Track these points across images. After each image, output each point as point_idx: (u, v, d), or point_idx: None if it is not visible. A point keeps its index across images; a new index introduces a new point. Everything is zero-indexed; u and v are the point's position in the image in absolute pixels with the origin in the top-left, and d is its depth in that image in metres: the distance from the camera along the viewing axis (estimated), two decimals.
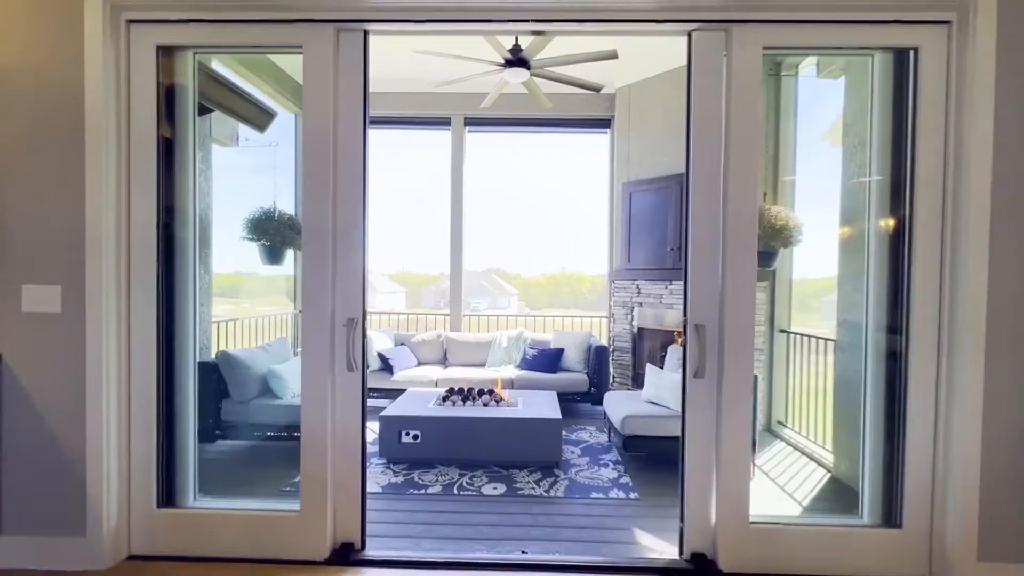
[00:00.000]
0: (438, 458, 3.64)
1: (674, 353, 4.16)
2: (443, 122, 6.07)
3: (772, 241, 3.77)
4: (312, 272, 2.25)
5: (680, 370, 3.99)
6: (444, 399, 4.01)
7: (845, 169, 3.62)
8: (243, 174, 4.92)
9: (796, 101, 4.61)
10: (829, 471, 3.58)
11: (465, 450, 3.61)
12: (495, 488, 3.24)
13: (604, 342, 5.59)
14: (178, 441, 2.41)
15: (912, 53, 2.17)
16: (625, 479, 3.40)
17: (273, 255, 4.57)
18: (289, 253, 4.73)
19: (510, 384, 4.95)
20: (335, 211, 2.25)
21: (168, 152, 2.36)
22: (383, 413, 3.71)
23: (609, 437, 4.30)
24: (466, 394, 4.07)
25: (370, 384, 5.03)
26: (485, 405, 3.94)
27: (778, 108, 4.66)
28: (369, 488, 3.18)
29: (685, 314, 2.30)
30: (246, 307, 5.27)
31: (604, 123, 6.04)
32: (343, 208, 2.26)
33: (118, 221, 2.22)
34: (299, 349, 2.24)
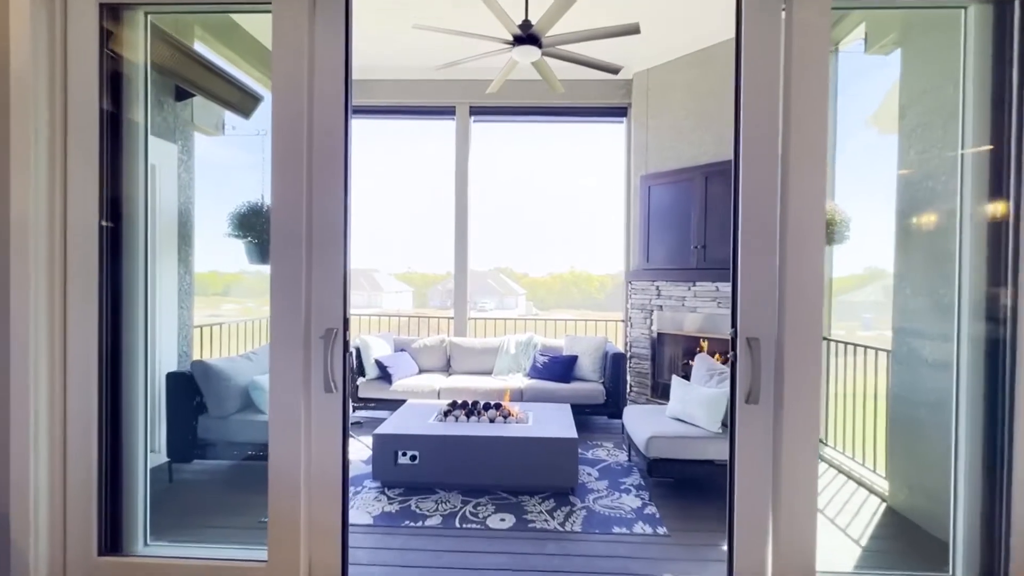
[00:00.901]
0: (439, 482, 3.25)
1: (703, 364, 3.73)
2: (447, 111, 5.68)
3: None
4: (281, 275, 1.86)
5: (710, 383, 3.58)
6: (446, 414, 3.62)
7: (902, 155, 3.18)
8: (230, 165, 4.53)
9: (835, 81, 4.16)
10: (884, 500, 3.14)
11: (469, 473, 3.22)
12: (503, 520, 2.84)
13: (620, 348, 5.18)
14: (126, 474, 2.03)
15: (1018, 2, 1.75)
16: (651, 509, 2.99)
17: (262, 253, 4.21)
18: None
19: (519, 395, 4.55)
20: (310, 204, 1.87)
21: (115, 132, 1.99)
22: (377, 431, 3.33)
23: (629, 456, 3.89)
24: (470, 408, 3.67)
25: (367, 394, 4.66)
26: (492, 421, 3.54)
27: None
28: (358, 520, 2.81)
29: (733, 324, 1.88)
30: (234, 309, 4.92)
31: (620, 111, 5.62)
32: (321, 200, 1.87)
33: (51, 214, 1.85)
34: None
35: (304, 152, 1.85)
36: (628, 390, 5.20)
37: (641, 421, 3.49)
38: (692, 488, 3.26)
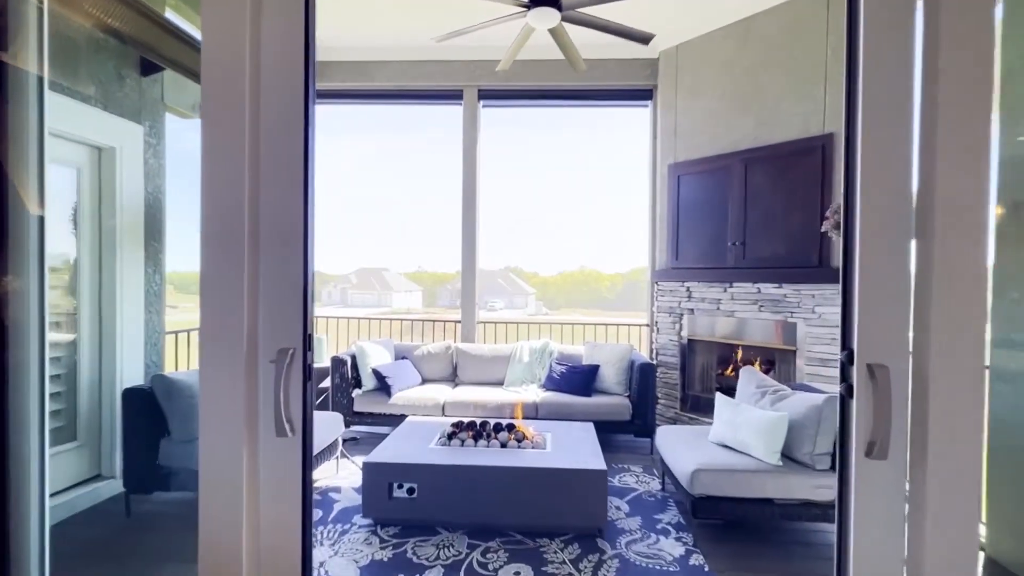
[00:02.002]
0: (441, 520, 2.75)
1: (750, 378, 3.19)
2: (454, 95, 5.17)
3: None
4: (213, 280, 1.36)
5: (761, 402, 3.01)
6: (450, 437, 3.11)
7: (1006, 131, 2.61)
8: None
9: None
10: (981, 549, 2.58)
11: (477, 510, 2.71)
12: (518, 573, 2.33)
13: (646, 356, 4.63)
14: (15, 538, 1.55)
15: None
16: (697, 558, 2.46)
17: None
18: None
19: (533, 410, 4.03)
20: (255, 196, 1.36)
21: None
22: (368, 458, 2.83)
23: (663, 484, 3.36)
24: (478, 430, 3.16)
25: (363, 408, 4.16)
26: (503, 446, 3.03)
27: None
28: (342, 572, 2.31)
29: (845, 346, 1.35)
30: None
31: (644, 94, 5.07)
32: (272, 192, 1.36)
33: None
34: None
35: (244, 127, 1.34)
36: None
37: (680, 447, 2.96)
38: (745, 532, 2.72)
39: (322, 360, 4.71)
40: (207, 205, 1.36)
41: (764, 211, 4.05)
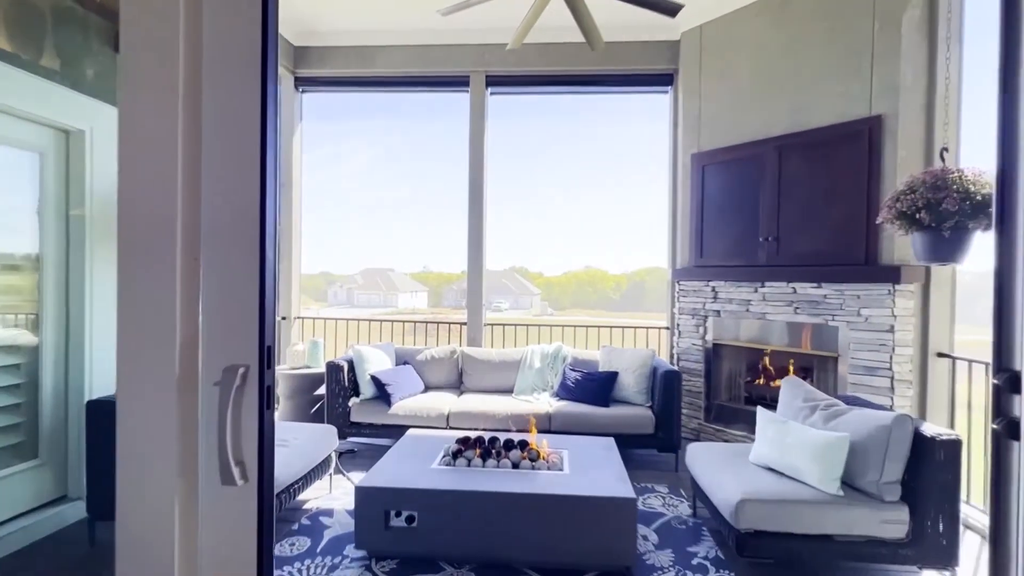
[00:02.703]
0: (444, 553, 2.39)
1: (794, 390, 2.81)
2: (460, 81, 4.82)
3: (969, 220, 2.41)
4: (132, 286, 1.01)
5: (811, 418, 2.59)
6: (455, 455, 2.75)
7: None
8: None
9: (960, 19, 3.21)
10: None
11: (486, 542, 2.36)
12: None
13: (666, 361, 4.26)
14: None
15: None
16: None
17: None
18: None
19: (547, 421, 3.67)
20: (192, 182, 1.00)
21: None
22: (361, 482, 2.47)
23: (694, 508, 2.99)
24: (487, 447, 2.81)
25: (361, 418, 3.82)
26: (515, 466, 2.67)
27: (932, 33, 3.27)
28: None
29: (1003, 366, 0.98)
30: None
31: (664, 79, 4.70)
32: (218, 180, 1.00)
33: None
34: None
35: (180, 114, 0.99)
36: None
37: (716, 469, 2.59)
38: (799, 572, 2.35)
39: (318, 365, 4.38)
40: (124, 202, 1.00)
41: (801, 203, 3.67)
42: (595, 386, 3.88)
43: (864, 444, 2.28)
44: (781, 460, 2.46)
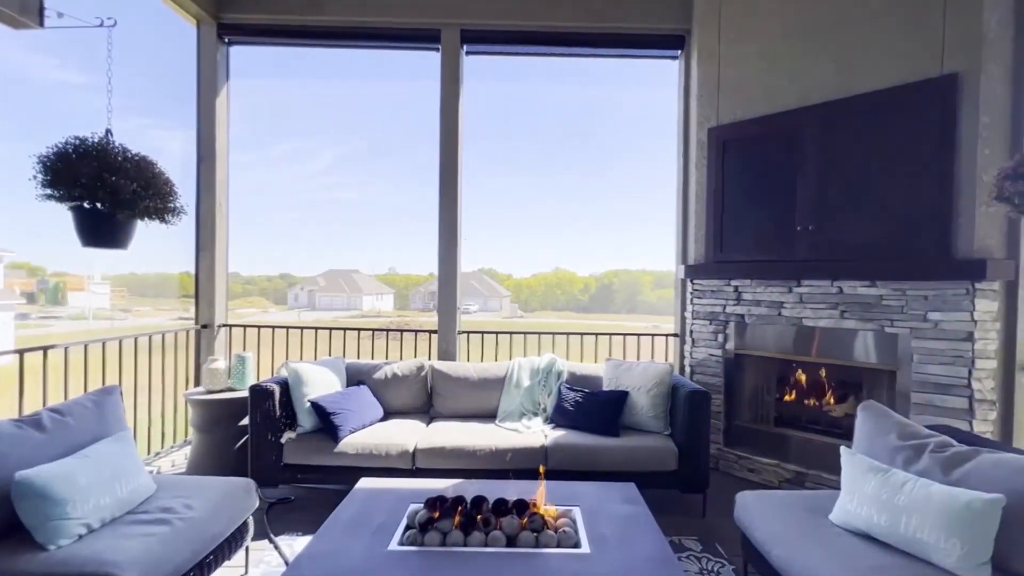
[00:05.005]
0: None
1: (882, 423, 2.10)
2: (429, 36, 3.98)
3: None
4: None
5: (916, 464, 1.46)
6: (423, 527, 1.90)
7: None
8: (50, 80, 2.62)
9: None
10: None
11: None
12: None
13: (684, 377, 3.51)
14: None
15: None
16: None
17: (99, 228, 2.45)
18: (143, 228, 2.61)
19: (542, 458, 2.87)
20: None
21: None
22: None
23: (745, 572, 2.24)
24: (469, 511, 1.97)
25: (298, 459, 2.91)
26: (511, 541, 1.85)
27: None
28: None
29: None
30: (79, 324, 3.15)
31: (673, 42, 3.99)
32: None
33: None
34: None
35: None
36: None
37: (796, 537, 1.85)
38: None
39: (246, 387, 3.43)
40: None
41: (851, 184, 3.01)
42: (600, 409, 3.10)
43: (1020, 507, 1.59)
44: (892, 528, 1.74)
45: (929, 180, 2.76)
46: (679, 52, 4.01)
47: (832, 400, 3.37)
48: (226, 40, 3.94)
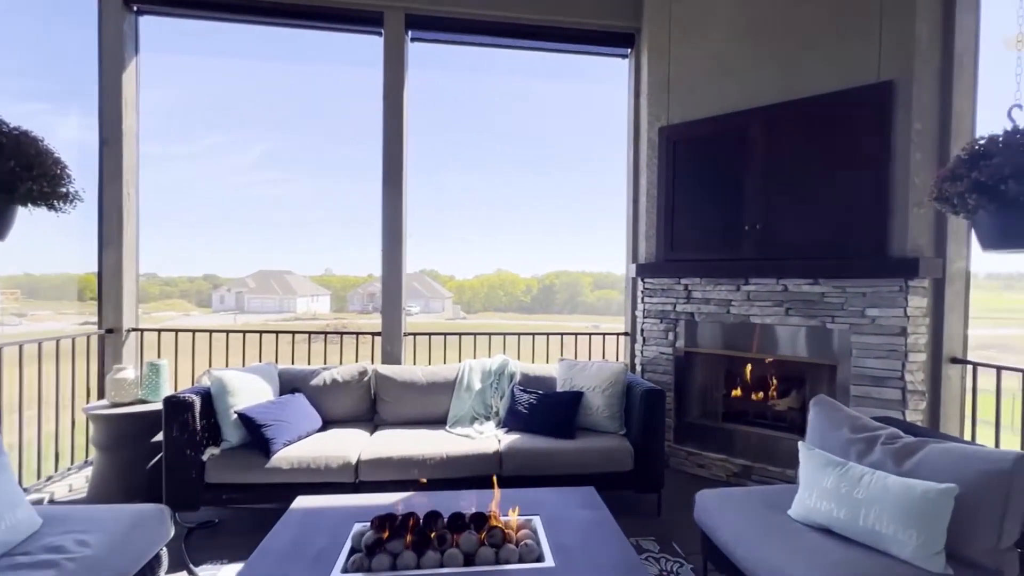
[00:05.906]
0: None
1: (834, 416, 2.14)
2: (370, 18, 3.73)
3: None
4: None
5: (869, 455, 1.41)
6: (370, 550, 1.70)
7: None
8: None
9: None
10: None
11: None
12: None
13: (636, 374, 3.48)
14: None
15: None
16: None
17: None
18: (26, 216, 2.22)
19: (496, 463, 2.72)
20: None
21: None
22: None
23: (705, 570, 2.21)
24: (422, 529, 1.79)
25: (223, 477, 2.59)
26: (469, 560, 1.69)
27: None
28: None
29: None
30: None
31: (623, 39, 3.99)
32: None
33: None
34: None
35: None
36: None
37: (757, 535, 1.82)
38: None
39: (160, 399, 3.03)
40: None
41: (795, 185, 3.10)
42: (555, 411, 3.00)
43: (972, 497, 1.63)
44: (851, 522, 1.74)
45: (867, 182, 2.88)
46: (629, 50, 4.01)
47: (775, 395, 3.47)
48: (134, 8, 3.49)
